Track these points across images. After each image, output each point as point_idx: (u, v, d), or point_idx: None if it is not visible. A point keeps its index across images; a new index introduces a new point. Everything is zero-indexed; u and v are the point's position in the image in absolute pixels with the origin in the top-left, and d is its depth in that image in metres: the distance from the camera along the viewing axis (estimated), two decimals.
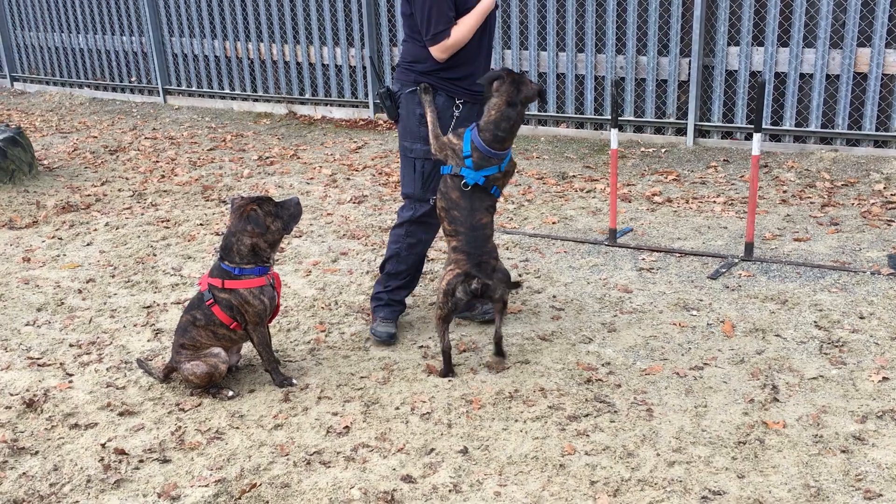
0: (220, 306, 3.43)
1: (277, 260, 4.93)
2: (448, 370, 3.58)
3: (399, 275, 3.98)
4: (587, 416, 3.25)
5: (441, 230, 3.68)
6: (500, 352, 3.66)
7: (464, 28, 3.63)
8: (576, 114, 7.59)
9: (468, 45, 3.68)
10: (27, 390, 3.63)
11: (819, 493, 2.75)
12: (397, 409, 3.37)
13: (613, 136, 4.78)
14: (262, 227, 3.37)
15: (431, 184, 3.78)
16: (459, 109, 3.77)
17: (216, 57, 9.65)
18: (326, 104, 9.02)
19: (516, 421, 3.24)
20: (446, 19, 3.59)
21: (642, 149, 7.13)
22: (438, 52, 3.65)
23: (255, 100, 9.53)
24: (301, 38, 8.92)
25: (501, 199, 6.03)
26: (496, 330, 3.63)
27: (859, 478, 2.81)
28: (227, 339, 3.52)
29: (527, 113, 7.76)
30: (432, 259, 4.91)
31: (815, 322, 3.94)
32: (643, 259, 4.81)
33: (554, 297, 4.38)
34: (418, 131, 3.75)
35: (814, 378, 3.45)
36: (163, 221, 5.84)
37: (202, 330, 3.46)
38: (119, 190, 6.69)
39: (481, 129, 3.44)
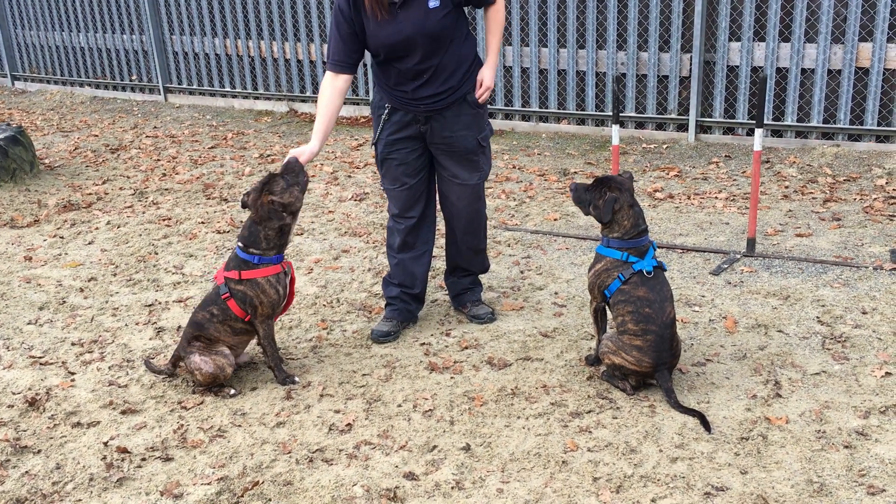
0: (235, 299, 3.44)
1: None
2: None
3: (392, 268, 4.01)
4: (590, 412, 3.25)
5: (596, 315, 3.53)
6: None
7: (318, 105, 3.66)
8: (577, 110, 7.58)
9: (390, 67, 3.62)
10: (29, 389, 3.63)
11: (822, 489, 2.74)
12: (399, 406, 3.37)
13: (615, 132, 4.77)
14: (290, 212, 3.41)
15: (381, 169, 3.86)
16: (386, 112, 3.72)
17: (217, 55, 9.65)
18: None
19: (519, 418, 3.24)
20: (338, 53, 3.60)
21: (644, 145, 7.12)
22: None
23: (256, 98, 9.53)
24: (301, 35, 8.91)
25: (503, 195, 6.03)
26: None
27: (862, 473, 2.81)
28: (245, 333, 3.53)
29: (528, 110, 7.78)
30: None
31: (817, 317, 3.94)
32: None
33: (556, 293, 4.38)
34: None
35: (816, 373, 3.45)
36: (164, 220, 5.84)
37: (220, 325, 3.47)
38: (120, 188, 6.69)
39: (623, 237, 3.33)
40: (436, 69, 3.59)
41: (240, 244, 3.49)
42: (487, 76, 3.65)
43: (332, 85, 3.66)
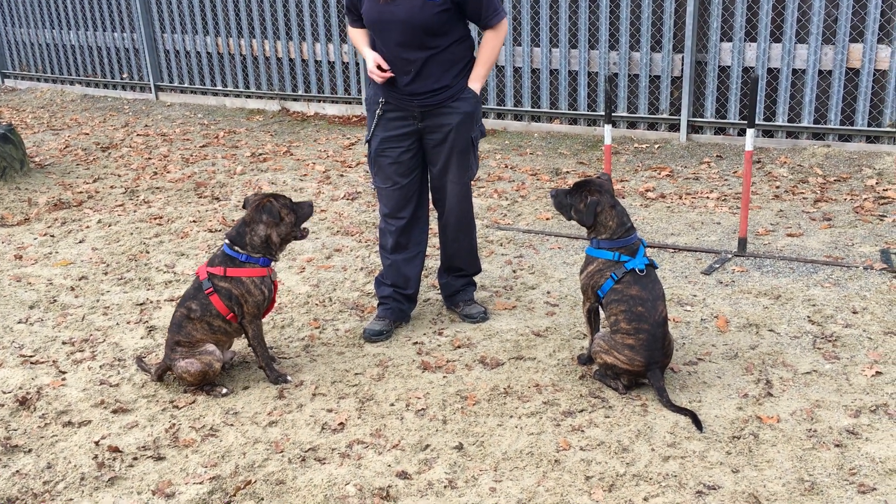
0: (219, 295, 3.43)
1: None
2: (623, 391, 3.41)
3: (385, 269, 4.00)
4: (582, 411, 3.25)
5: (588, 312, 3.52)
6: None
7: (354, 43, 3.83)
8: (569, 110, 7.59)
9: (391, 59, 3.62)
10: (20, 388, 3.61)
11: (813, 488, 2.75)
12: (392, 405, 3.37)
13: (607, 131, 4.78)
14: (276, 216, 3.44)
15: (374, 167, 3.87)
16: (381, 107, 3.71)
17: (208, 53, 9.62)
18: (319, 100, 9.00)
19: (511, 417, 3.24)
20: (349, 10, 3.72)
21: (636, 145, 7.13)
22: None
23: (248, 96, 9.51)
24: (293, 34, 8.90)
25: (496, 195, 6.03)
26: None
27: (853, 472, 2.82)
28: (223, 333, 3.51)
29: (520, 109, 7.79)
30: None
31: (808, 317, 3.95)
32: None
33: (548, 293, 4.38)
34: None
35: (807, 373, 3.46)
36: (155, 218, 5.82)
37: (197, 323, 3.45)
38: (111, 187, 6.66)
39: (611, 237, 3.33)
40: (424, 63, 3.59)
41: (227, 241, 3.49)
42: (474, 86, 3.72)
43: (355, 27, 3.81)
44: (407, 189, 3.85)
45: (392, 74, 3.60)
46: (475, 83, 3.70)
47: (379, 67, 3.59)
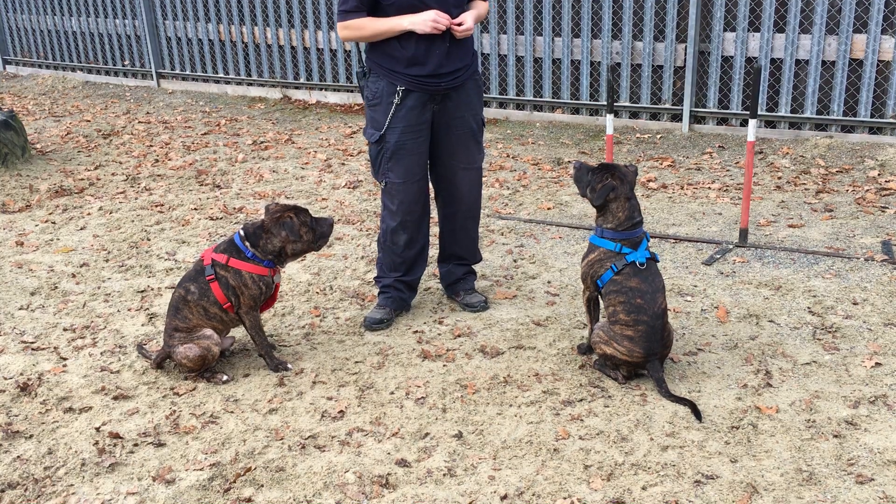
0: (219, 283, 3.44)
1: None
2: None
3: (395, 265, 3.98)
4: (581, 400, 3.26)
5: (588, 305, 3.53)
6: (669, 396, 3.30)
7: (368, 29, 3.63)
8: (571, 99, 7.57)
9: (412, 37, 3.58)
10: (21, 374, 3.63)
11: (811, 478, 2.76)
12: (392, 393, 3.38)
13: (609, 121, 4.77)
14: (295, 235, 3.43)
15: (379, 167, 3.81)
16: (398, 97, 3.67)
17: (210, 41, 9.60)
18: (321, 89, 8.98)
19: (511, 405, 3.25)
20: (361, 2, 3.60)
21: (638, 135, 7.12)
22: (339, 30, 3.72)
23: (250, 84, 9.49)
24: (295, 21, 8.87)
25: (497, 184, 6.03)
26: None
27: (851, 462, 2.83)
28: (218, 320, 3.51)
29: (523, 99, 7.77)
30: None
31: (808, 308, 3.95)
32: None
33: (549, 282, 4.38)
34: (367, 113, 3.81)
35: (807, 363, 3.47)
36: (157, 206, 5.82)
37: (193, 307, 3.46)
38: (112, 174, 6.66)
39: (616, 228, 3.31)
40: (455, 41, 3.65)
41: (241, 232, 3.48)
42: (468, 18, 3.64)
43: (357, 18, 3.65)
44: (422, 183, 3.84)
45: (453, 21, 3.57)
46: (470, 15, 3.66)
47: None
